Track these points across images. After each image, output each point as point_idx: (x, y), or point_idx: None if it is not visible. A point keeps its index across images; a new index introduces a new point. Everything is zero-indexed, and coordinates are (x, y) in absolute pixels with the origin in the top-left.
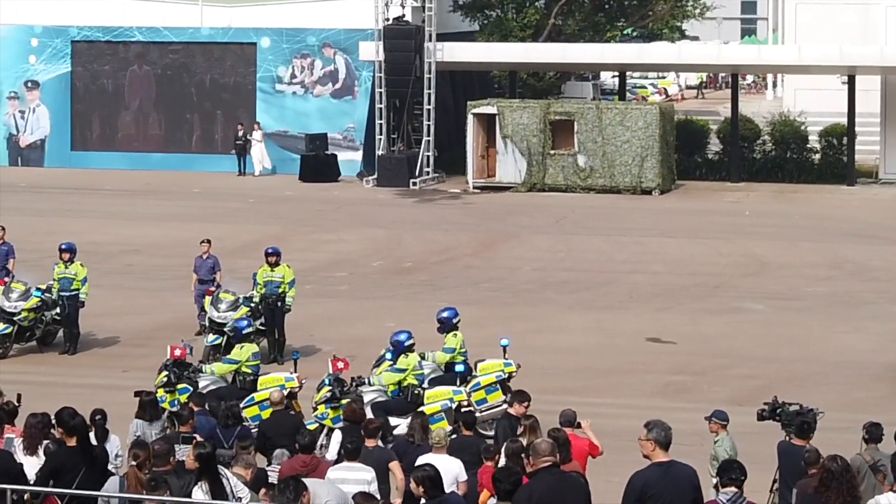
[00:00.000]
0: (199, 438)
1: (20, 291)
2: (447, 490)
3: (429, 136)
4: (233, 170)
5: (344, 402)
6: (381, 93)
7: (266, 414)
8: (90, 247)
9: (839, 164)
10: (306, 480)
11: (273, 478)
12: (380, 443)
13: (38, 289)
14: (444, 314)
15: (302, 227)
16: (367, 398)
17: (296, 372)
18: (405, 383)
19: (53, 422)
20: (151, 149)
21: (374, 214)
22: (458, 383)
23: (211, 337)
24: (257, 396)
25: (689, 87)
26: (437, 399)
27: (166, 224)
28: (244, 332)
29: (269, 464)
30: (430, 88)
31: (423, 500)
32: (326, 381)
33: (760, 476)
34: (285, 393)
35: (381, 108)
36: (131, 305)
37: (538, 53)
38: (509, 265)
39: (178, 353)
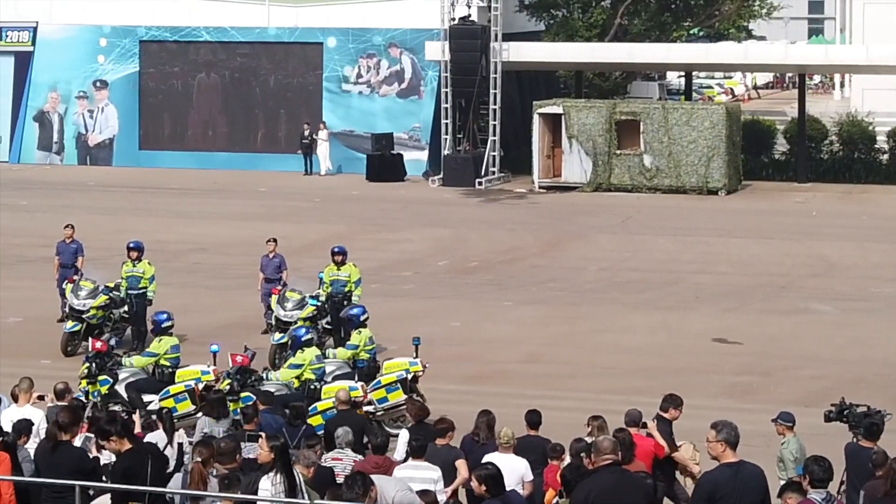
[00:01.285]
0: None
1: (89, 289)
2: (512, 489)
3: (494, 135)
4: (299, 169)
5: (244, 395)
6: (446, 92)
7: (182, 407)
8: (157, 245)
9: None
10: (374, 477)
11: (338, 472)
12: (450, 442)
13: (107, 287)
14: (352, 311)
15: (368, 226)
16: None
17: (213, 365)
18: (303, 378)
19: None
20: (218, 148)
21: (440, 214)
22: (356, 380)
23: (277, 335)
24: (172, 389)
25: (755, 87)
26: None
27: (233, 223)
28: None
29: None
30: (495, 88)
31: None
32: (226, 375)
33: None
34: (205, 385)
35: (446, 108)
36: (198, 304)
37: (604, 53)
38: (574, 265)
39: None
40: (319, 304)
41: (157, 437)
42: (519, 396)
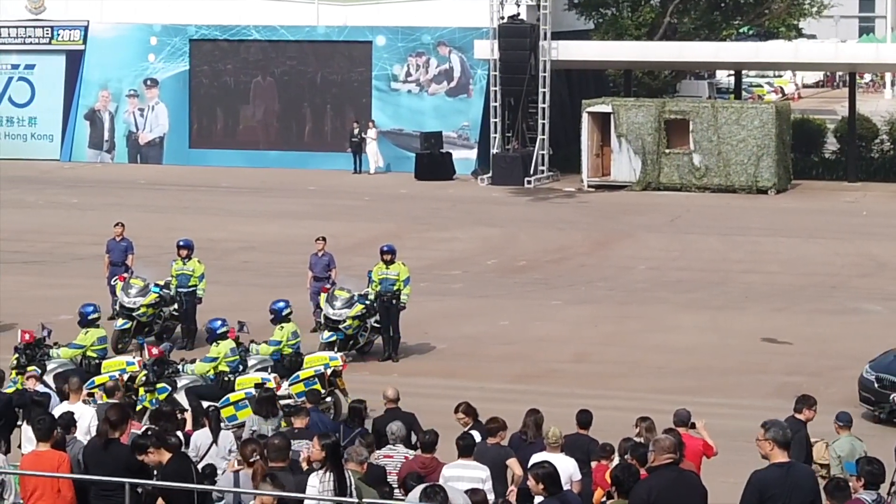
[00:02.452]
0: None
1: (139, 287)
2: (567, 489)
3: (543, 134)
4: (348, 168)
5: (160, 385)
6: (495, 91)
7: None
8: (207, 243)
9: None
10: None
11: (390, 470)
12: (501, 441)
13: (157, 285)
14: (277, 305)
15: (416, 224)
16: (180, 383)
17: (138, 357)
18: (218, 370)
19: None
20: (268, 146)
21: (489, 213)
22: (268, 371)
23: (326, 334)
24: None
25: (805, 86)
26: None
27: (282, 221)
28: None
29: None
30: (544, 87)
31: (538, 498)
32: (143, 366)
33: None
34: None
35: (495, 107)
36: (248, 302)
37: (653, 52)
38: (623, 264)
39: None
40: (368, 302)
41: (202, 435)
42: (567, 396)
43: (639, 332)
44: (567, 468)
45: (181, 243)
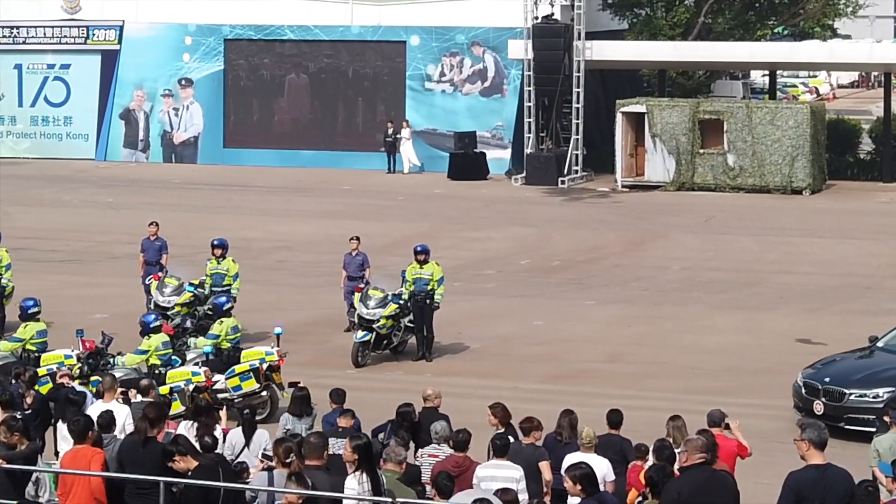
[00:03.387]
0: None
1: (173, 286)
2: (603, 490)
3: (577, 134)
4: (382, 167)
5: (94, 378)
6: (529, 91)
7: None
8: (242, 243)
9: None
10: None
11: (425, 470)
12: (535, 441)
13: (191, 284)
14: (217, 300)
15: (450, 224)
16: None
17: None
18: (150, 363)
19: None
20: (302, 146)
21: (523, 212)
22: (200, 365)
23: (360, 333)
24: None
25: (840, 87)
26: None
27: (316, 221)
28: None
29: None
30: (578, 87)
31: (571, 499)
32: (78, 359)
33: None
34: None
35: (529, 107)
36: (282, 301)
37: (687, 52)
38: (657, 264)
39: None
40: (402, 302)
41: (235, 436)
42: (601, 396)
43: (672, 332)
44: (601, 468)
45: (215, 242)
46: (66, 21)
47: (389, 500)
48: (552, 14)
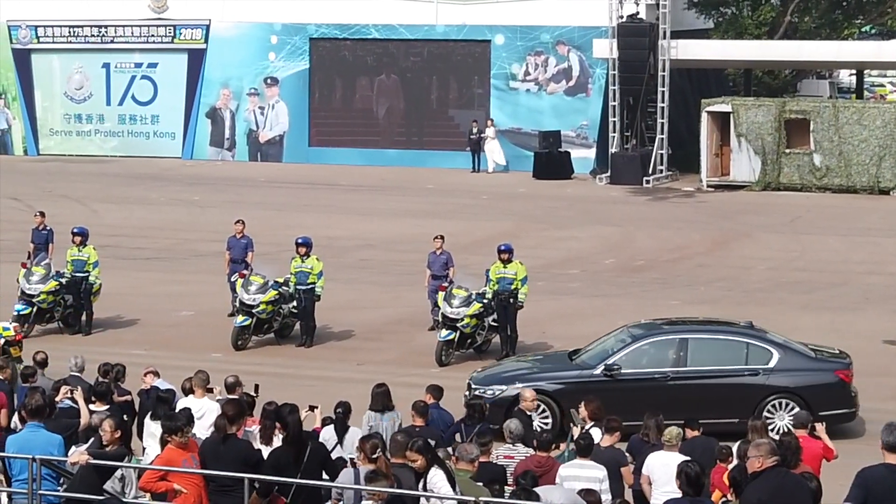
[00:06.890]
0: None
1: (258, 284)
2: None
3: (662, 133)
4: (466, 166)
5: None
6: (614, 90)
7: None
8: (326, 241)
9: None
10: (540, 490)
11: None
12: (615, 442)
13: (276, 282)
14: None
15: (534, 223)
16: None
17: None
18: None
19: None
20: (386, 145)
21: (607, 212)
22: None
23: (444, 332)
24: None
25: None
26: None
27: (400, 219)
28: None
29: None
30: (663, 86)
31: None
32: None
33: None
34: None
35: (614, 106)
36: (366, 299)
37: (773, 51)
38: (742, 264)
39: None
40: (486, 301)
41: (327, 434)
42: None
43: None
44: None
45: (300, 241)
46: (153, 20)
47: (473, 498)
48: (637, 13)
